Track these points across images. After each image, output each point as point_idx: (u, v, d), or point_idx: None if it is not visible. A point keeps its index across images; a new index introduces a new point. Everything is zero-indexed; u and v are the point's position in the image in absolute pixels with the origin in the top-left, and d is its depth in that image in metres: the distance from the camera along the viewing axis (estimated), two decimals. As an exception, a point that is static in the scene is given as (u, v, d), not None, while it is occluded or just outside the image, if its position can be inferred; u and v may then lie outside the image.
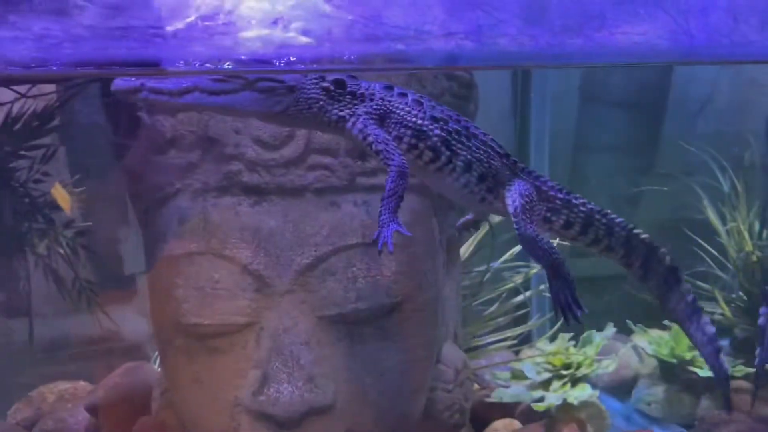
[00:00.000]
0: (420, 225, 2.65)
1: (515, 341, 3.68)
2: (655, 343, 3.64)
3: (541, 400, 3.28)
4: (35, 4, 1.44)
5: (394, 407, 2.64)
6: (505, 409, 3.41)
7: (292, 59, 1.87)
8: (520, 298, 3.72)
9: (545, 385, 3.43)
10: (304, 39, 1.74)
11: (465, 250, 3.55)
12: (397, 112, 2.11)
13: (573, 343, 3.55)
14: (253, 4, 1.85)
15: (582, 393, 3.30)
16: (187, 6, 1.78)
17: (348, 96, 2.08)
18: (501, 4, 1.86)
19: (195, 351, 2.50)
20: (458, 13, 1.81)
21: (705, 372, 3.49)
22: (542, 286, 3.70)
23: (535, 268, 3.62)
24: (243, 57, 1.90)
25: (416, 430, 2.80)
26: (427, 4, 1.79)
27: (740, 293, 3.92)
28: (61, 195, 2.94)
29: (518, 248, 3.60)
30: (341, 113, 2.09)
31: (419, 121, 2.12)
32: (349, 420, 2.50)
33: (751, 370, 3.42)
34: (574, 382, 3.40)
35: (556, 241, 2.99)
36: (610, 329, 3.53)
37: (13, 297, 3.33)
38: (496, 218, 3.48)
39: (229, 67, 1.88)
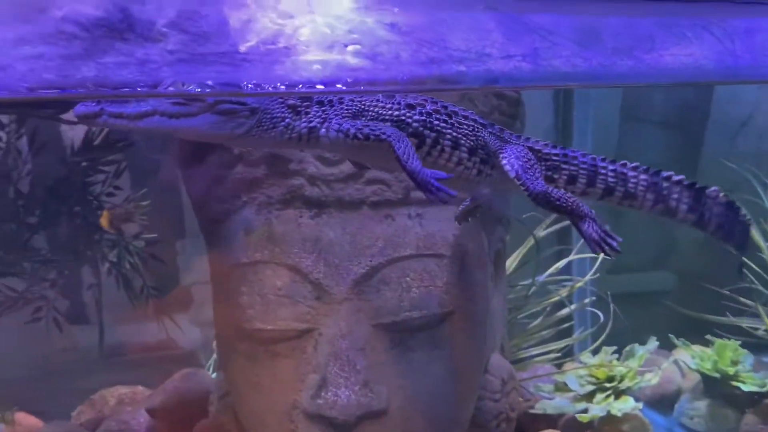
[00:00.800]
0: (470, 238, 2.76)
1: (559, 354, 3.75)
2: (698, 357, 3.68)
3: (585, 411, 3.34)
4: (138, 32, 1.60)
5: (444, 414, 2.73)
6: (549, 421, 3.47)
7: (349, 80, 1.95)
8: (562, 312, 3.79)
9: (588, 397, 3.49)
10: (366, 62, 1.86)
11: (510, 264, 3.64)
12: (371, 108, 2.08)
13: (616, 356, 3.60)
14: (314, 29, 1.97)
15: (625, 405, 3.35)
16: (249, 30, 1.91)
17: (315, 106, 2.06)
18: (556, 28, 1.97)
19: (257, 355, 2.62)
20: (516, 37, 1.93)
21: (749, 387, 3.52)
22: (586, 300, 3.77)
23: (580, 282, 3.70)
24: (313, 81, 1.96)
25: (463, 439, 2.89)
26: (487, 29, 1.91)
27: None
28: (104, 217, 3.10)
29: (563, 262, 3.70)
30: (311, 124, 2.05)
31: (396, 112, 2.09)
32: (401, 424, 2.60)
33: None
34: (618, 394, 3.45)
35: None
36: (653, 343, 3.58)
37: (77, 304, 3.51)
38: (540, 232, 3.59)
39: (195, 89, 1.83)
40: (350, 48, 1.87)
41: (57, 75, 1.52)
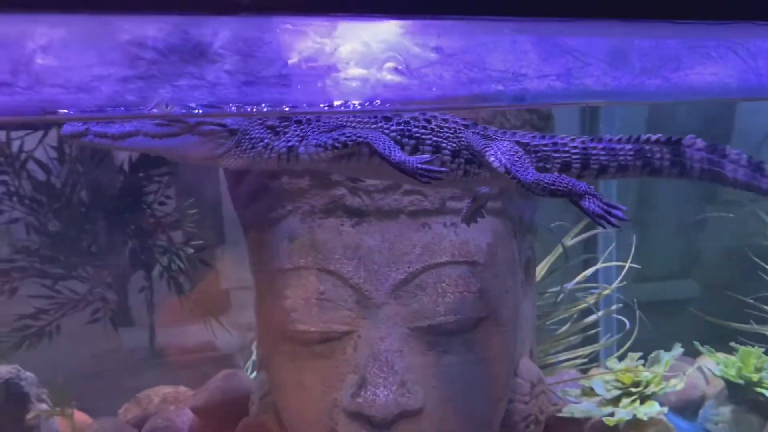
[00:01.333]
0: (502, 246, 2.89)
1: (585, 360, 3.86)
2: (722, 364, 3.76)
3: (611, 415, 3.45)
4: (208, 57, 1.76)
5: (477, 414, 2.86)
6: (576, 424, 3.58)
7: (396, 99, 2.09)
8: (589, 319, 3.90)
9: (614, 401, 3.59)
10: (413, 81, 2.00)
11: (538, 271, 3.76)
12: (349, 125, 2.11)
13: (642, 362, 3.70)
14: (363, 52, 2.11)
15: (651, 410, 3.45)
16: (291, 50, 2.05)
17: (294, 126, 2.10)
18: (588, 50, 2.10)
19: (299, 356, 2.78)
20: (551, 59, 2.06)
21: (773, 394, 3.61)
22: (613, 307, 3.88)
23: (607, 290, 3.81)
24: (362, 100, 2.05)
25: (495, 439, 3.02)
26: (524, 51, 2.05)
27: (807, 318, 4.02)
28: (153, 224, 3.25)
29: (590, 271, 3.81)
30: (290, 143, 2.10)
31: (373, 126, 2.12)
32: (435, 424, 2.74)
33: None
34: (643, 399, 3.55)
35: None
36: (678, 349, 3.68)
37: (125, 308, 3.68)
38: (568, 241, 3.71)
39: (171, 110, 1.85)
40: (399, 67, 2.01)
41: (138, 97, 1.68)
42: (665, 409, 3.44)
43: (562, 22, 2.06)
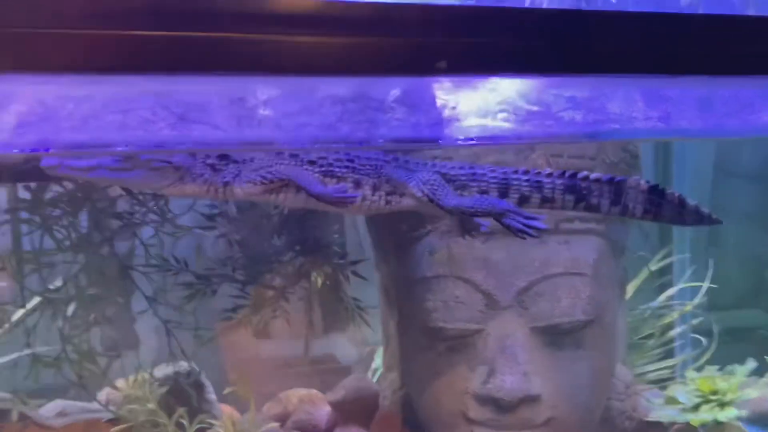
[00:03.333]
0: (604, 263, 3.43)
1: (670, 372, 4.35)
2: (791, 377, 4.20)
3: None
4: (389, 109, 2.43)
5: (584, 403, 3.38)
6: (661, 428, 4.06)
7: (543, 133, 2.73)
8: (670, 333, 4.41)
9: (695, 408, 4.06)
10: (553, 122, 2.64)
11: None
12: (276, 164, 2.43)
13: (719, 374, 4.17)
14: (507, 96, 2.74)
15: (729, 414, 3.92)
16: (458, 99, 2.63)
17: (231, 164, 2.43)
18: (682, 99, 2.72)
19: (436, 349, 3.34)
20: (654, 105, 2.68)
21: (840, 403, 4.03)
22: (695, 321, 4.38)
23: (689, 306, 4.32)
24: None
25: (595, 429, 3.54)
26: (634, 99, 2.68)
27: None
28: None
29: (672, 291, 4.33)
30: (225, 179, 2.43)
31: (300, 167, 2.44)
32: (550, 409, 3.25)
33: None
34: (721, 406, 4.02)
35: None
36: (752, 363, 4.13)
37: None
38: (653, 265, 4.26)
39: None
40: (542, 110, 2.62)
41: (365, 133, 2.35)
42: (743, 413, 3.90)
43: (662, 78, 2.70)
